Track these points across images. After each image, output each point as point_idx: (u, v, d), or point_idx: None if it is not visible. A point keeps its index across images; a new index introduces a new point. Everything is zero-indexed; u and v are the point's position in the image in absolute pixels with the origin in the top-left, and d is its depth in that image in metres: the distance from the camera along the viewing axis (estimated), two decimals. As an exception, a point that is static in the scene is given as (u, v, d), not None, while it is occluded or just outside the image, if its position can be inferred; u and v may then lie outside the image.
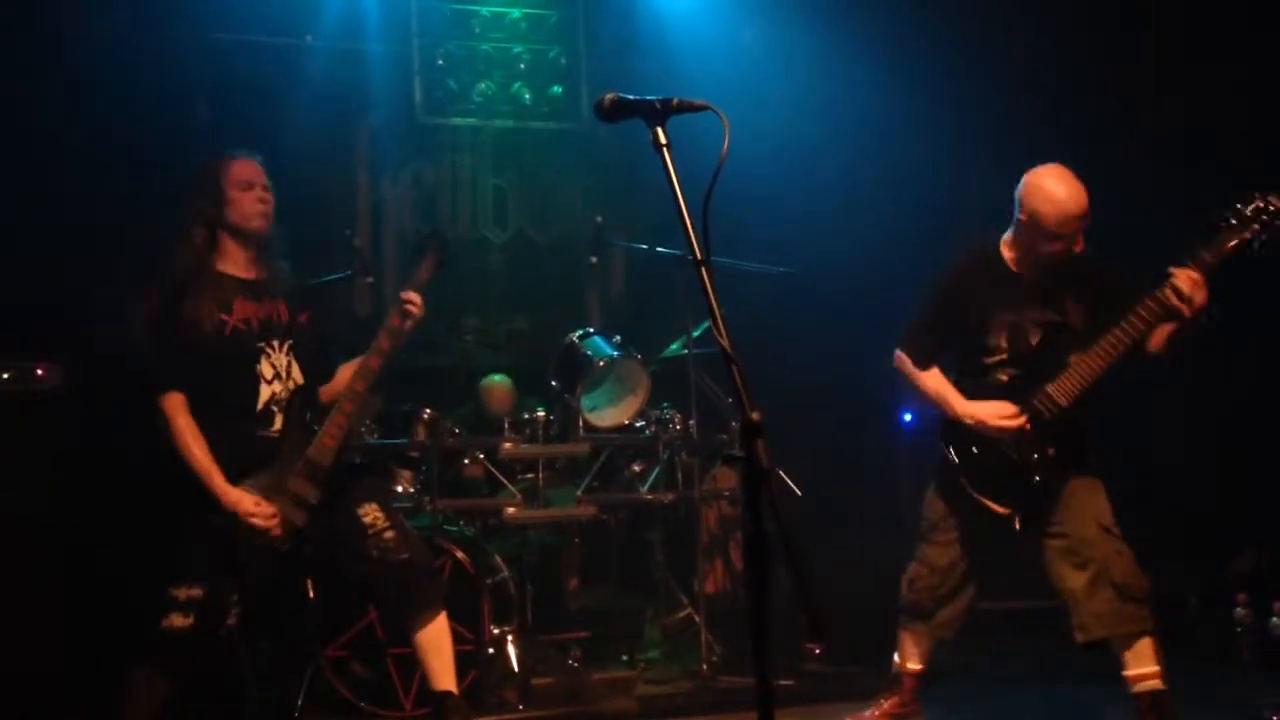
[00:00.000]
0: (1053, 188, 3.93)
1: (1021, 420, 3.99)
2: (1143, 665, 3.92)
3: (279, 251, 4.11)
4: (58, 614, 4.67)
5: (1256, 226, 3.74)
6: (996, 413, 4.02)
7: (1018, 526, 4.06)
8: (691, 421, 5.51)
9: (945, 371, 4.22)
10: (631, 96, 2.60)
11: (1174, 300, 3.77)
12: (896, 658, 4.42)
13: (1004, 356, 4.09)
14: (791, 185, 6.44)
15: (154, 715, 3.87)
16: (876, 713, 4.38)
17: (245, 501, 3.79)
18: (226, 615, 3.76)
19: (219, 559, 3.79)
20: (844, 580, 5.61)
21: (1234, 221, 3.77)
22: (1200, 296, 3.75)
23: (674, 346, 5.93)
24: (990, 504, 4.07)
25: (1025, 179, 4.02)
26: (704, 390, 5.63)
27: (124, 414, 4.58)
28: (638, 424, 5.66)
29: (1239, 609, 5.17)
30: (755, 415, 2.31)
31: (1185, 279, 3.76)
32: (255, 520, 3.78)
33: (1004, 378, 4.09)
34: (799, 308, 6.17)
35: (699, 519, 5.50)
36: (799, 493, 5.58)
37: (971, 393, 4.11)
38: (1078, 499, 4.03)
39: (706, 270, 2.45)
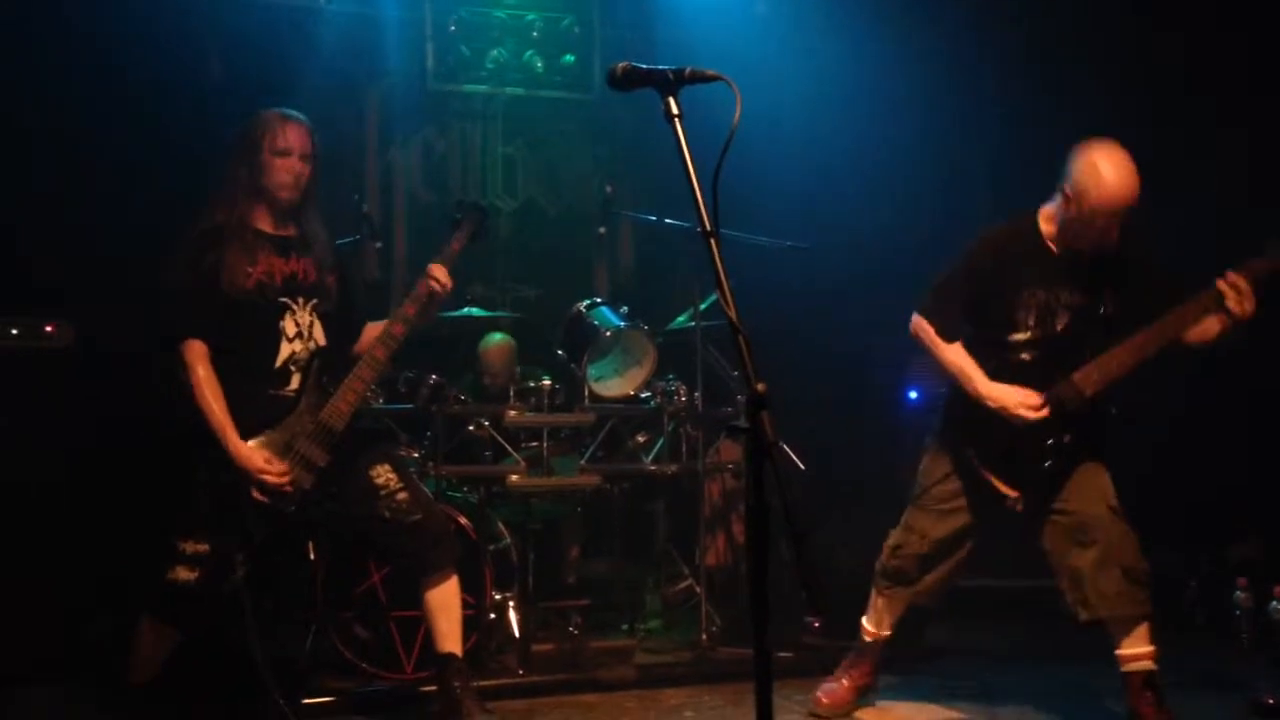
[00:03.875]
0: (1104, 170, 3.73)
1: (1045, 411, 3.87)
2: (1137, 645, 3.93)
3: (316, 215, 4.07)
4: (68, 568, 4.70)
5: None
6: (1021, 401, 3.88)
7: (1019, 509, 4.00)
8: (697, 394, 5.52)
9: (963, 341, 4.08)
10: (644, 66, 2.60)
11: (1230, 298, 3.70)
12: (866, 623, 4.36)
13: (1030, 335, 3.95)
14: (804, 159, 6.43)
15: (158, 667, 3.92)
16: (845, 684, 4.35)
17: (256, 459, 3.78)
18: (232, 571, 3.75)
19: (226, 515, 3.78)
20: (846, 555, 5.64)
21: None
22: (1250, 303, 3.70)
23: (681, 319, 5.93)
24: (997, 483, 4.00)
25: (1080, 151, 3.80)
26: (710, 363, 5.64)
27: (135, 369, 4.62)
28: (643, 395, 5.67)
29: (1239, 593, 5.18)
30: (760, 387, 2.32)
31: (1237, 280, 3.72)
32: (266, 478, 3.77)
33: (1026, 358, 3.96)
34: (809, 282, 6.15)
35: (702, 491, 5.51)
36: (803, 467, 5.60)
37: (991, 370, 3.97)
38: (1084, 477, 3.99)
39: (715, 242, 2.45)
